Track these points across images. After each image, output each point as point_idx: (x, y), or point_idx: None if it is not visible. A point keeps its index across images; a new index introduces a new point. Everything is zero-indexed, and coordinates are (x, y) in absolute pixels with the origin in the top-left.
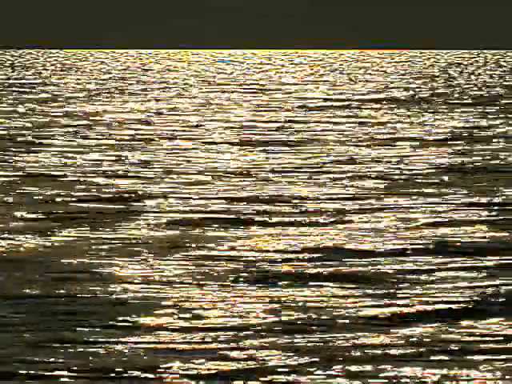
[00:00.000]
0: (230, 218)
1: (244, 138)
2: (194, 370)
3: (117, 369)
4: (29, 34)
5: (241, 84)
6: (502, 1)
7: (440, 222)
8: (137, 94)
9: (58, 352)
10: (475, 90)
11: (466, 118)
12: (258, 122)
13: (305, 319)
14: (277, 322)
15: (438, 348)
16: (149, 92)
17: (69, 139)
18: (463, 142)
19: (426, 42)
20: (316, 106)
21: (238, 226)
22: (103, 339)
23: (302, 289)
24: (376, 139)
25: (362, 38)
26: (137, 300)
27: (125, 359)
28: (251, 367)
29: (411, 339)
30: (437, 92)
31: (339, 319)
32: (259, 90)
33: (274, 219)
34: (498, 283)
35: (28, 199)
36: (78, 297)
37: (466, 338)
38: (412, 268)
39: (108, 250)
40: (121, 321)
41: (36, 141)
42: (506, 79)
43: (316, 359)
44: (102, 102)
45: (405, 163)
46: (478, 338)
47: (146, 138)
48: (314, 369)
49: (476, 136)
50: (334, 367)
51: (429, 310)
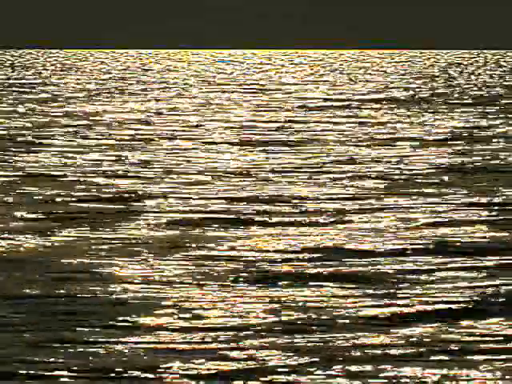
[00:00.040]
0: (230, 218)
1: (244, 137)
2: (194, 370)
3: (117, 369)
4: (29, 33)
5: (241, 84)
6: (502, 1)
7: (440, 221)
8: (137, 94)
9: (57, 352)
10: (475, 90)
11: (466, 118)
12: (258, 121)
13: (305, 319)
14: (277, 321)
15: (437, 348)
16: (149, 92)
17: (69, 139)
18: (463, 142)
19: (426, 42)
20: (316, 106)
21: (238, 225)
22: (103, 339)
23: (302, 289)
24: (376, 139)
25: (361, 38)
26: (137, 300)
27: (125, 359)
28: (251, 367)
29: (411, 339)
30: (437, 92)
31: (339, 319)
32: (259, 89)
33: (273, 219)
34: (497, 283)
35: (28, 199)
36: (77, 297)
37: (465, 338)
38: (412, 268)
39: (108, 250)
40: (121, 321)
41: (36, 141)
42: (506, 79)
43: (316, 359)
44: (102, 102)
45: (405, 163)
46: (478, 338)
47: (145, 138)
48: (314, 369)
49: (476, 136)
50: (334, 367)
51: (429, 310)
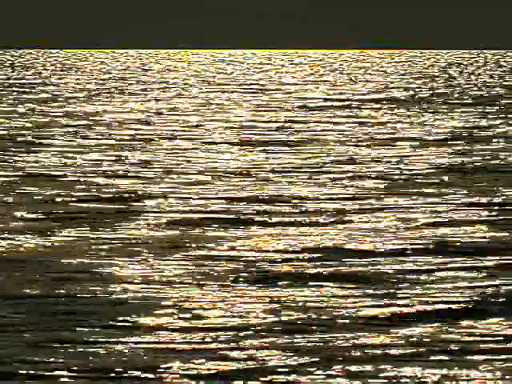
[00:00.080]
0: (230, 218)
1: (244, 137)
2: (194, 370)
3: (117, 369)
4: (29, 33)
5: (241, 84)
6: (502, 1)
7: (440, 221)
8: (137, 94)
9: (57, 352)
10: (475, 90)
11: (465, 118)
12: (258, 121)
13: (305, 319)
14: (277, 321)
15: (437, 348)
16: (149, 92)
17: (69, 139)
18: (463, 142)
19: (426, 42)
20: (316, 106)
21: (238, 225)
22: (103, 339)
23: (302, 289)
24: (376, 139)
25: (362, 38)
26: (137, 300)
27: (125, 359)
28: (251, 367)
29: (411, 339)
30: (437, 92)
31: (339, 319)
32: (259, 89)
33: (273, 219)
34: (498, 283)
35: (28, 199)
36: (78, 297)
37: (465, 338)
38: (412, 268)
39: (108, 249)
40: (121, 321)
41: (36, 141)
42: (506, 79)
43: (316, 359)
44: (102, 102)
45: (405, 163)
46: (478, 338)
47: (145, 138)
48: (314, 369)
49: (476, 136)
50: (334, 367)
51: (429, 310)
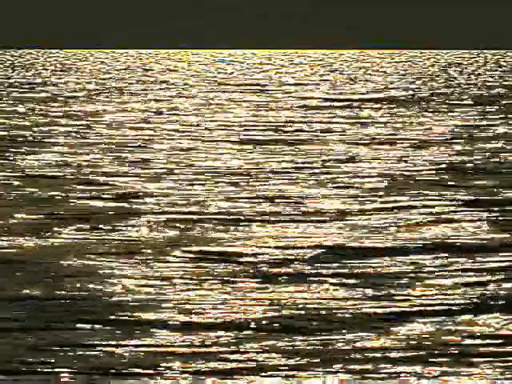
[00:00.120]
0: (230, 218)
1: (244, 138)
2: (194, 370)
3: (117, 369)
4: (29, 33)
5: (241, 84)
6: (502, 1)
7: (440, 221)
8: (137, 94)
9: (58, 353)
10: (475, 90)
11: (465, 118)
12: (258, 122)
13: (305, 320)
14: (277, 322)
15: (437, 349)
16: (149, 92)
17: (69, 139)
18: (463, 142)
19: (426, 42)
20: (316, 106)
21: (238, 225)
22: (103, 340)
23: (302, 289)
24: (376, 139)
25: (361, 38)
26: (137, 300)
27: (125, 360)
28: (251, 367)
29: (411, 340)
30: (437, 92)
31: (339, 319)
32: (259, 90)
33: (273, 219)
34: (498, 283)
35: (28, 199)
36: (78, 297)
37: (465, 339)
38: (412, 268)
39: (108, 249)
40: (121, 321)
41: (36, 141)
42: (506, 79)
43: (316, 360)
44: (102, 102)
45: (405, 163)
46: (478, 338)
47: (145, 138)
48: (314, 369)
49: (476, 136)
50: (334, 367)
51: (429, 310)
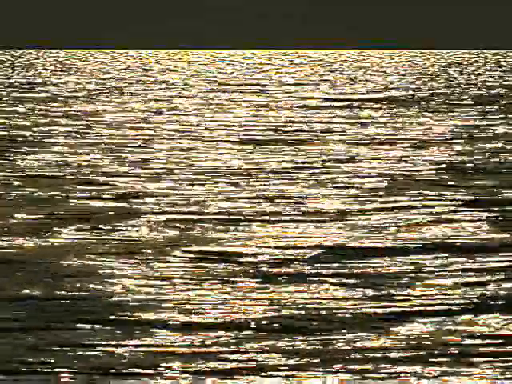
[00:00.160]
0: (230, 218)
1: (244, 137)
2: (194, 370)
3: (117, 369)
4: (29, 33)
5: (241, 84)
6: (501, 1)
7: (440, 221)
8: (137, 94)
9: (58, 353)
10: (475, 90)
11: (465, 118)
12: (258, 122)
13: (305, 319)
14: (277, 322)
15: (437, 349)
16: (149, 92)
17: (69, 139)
18: (463, 142)
19: (426, 42)
20: (316, 106)
21: (238, 225)
22: (103, 340)
23: (302, 289)
24: (376, 139)
25: (361, 38)
26: (137, 300)
27: (125, 360)
28: (251, 368)
29: (411, 340)
30: (437, 92)
31: (339, 319)
32: (259, 90)
33: (273, 219)
34: (498, 283)
35: (28, 199)
36: (78, 297)
37: (466, 339)
38: (412, 268)
39: (108, 249)
40: (121, 321)
41: (36, 141)
42: (506, 79)
43: (316, 360)
44: (102, 102)
45: (405, 163)
46: (478, 338)
47: (145, 138)
48: (314, 369)
49: (476, 136)
50: (334, 367)
51: (429, 310)
